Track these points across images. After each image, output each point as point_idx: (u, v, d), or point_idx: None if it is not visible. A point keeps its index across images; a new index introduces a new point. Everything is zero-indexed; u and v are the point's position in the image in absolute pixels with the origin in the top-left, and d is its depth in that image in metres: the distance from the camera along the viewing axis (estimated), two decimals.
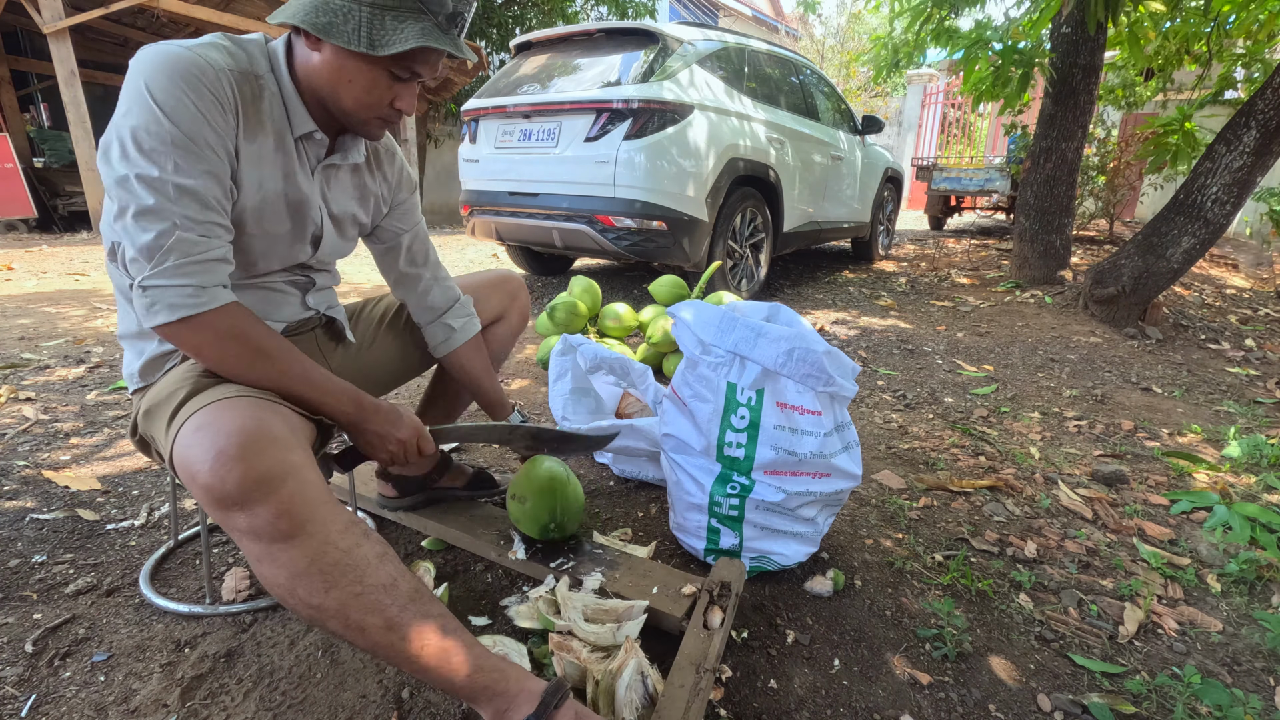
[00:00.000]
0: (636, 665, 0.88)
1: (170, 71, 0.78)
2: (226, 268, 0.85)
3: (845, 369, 1.16)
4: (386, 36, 0.82)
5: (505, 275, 1.42)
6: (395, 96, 0.91)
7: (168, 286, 0.79)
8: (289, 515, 0.72)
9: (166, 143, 0.78)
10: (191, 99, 0.79)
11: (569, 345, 1.72)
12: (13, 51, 7.75)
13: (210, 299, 0.81)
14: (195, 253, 0.80)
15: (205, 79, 0.80)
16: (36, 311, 3.13)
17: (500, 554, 1.21)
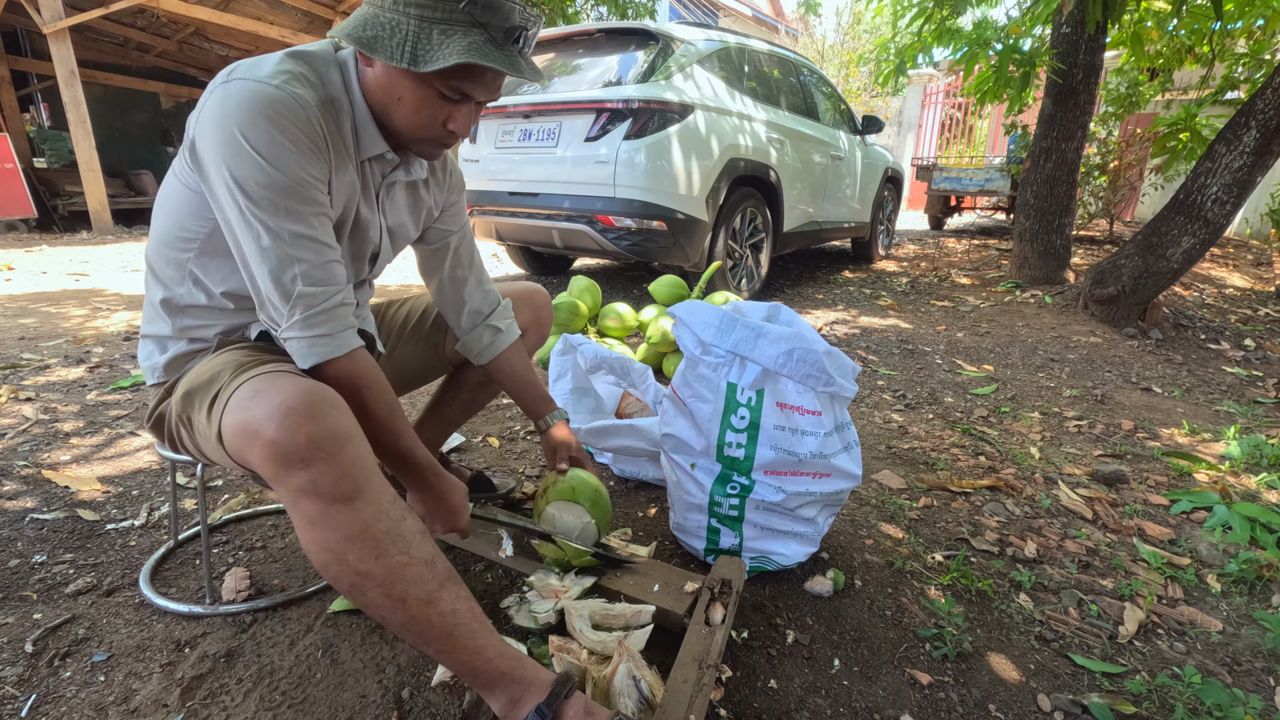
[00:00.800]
0: (628, 670, 0.88)
1: (264, 116, 0.77)
2: (349, 310, 0.87)
3: (845, 369, 1.16)
4: (432, 52, 0.78)
5: (532, 289, 1.39)
6: (448, 117, 0.87)
7: (303, 338, 0.84)
8: (351, 477, 0.72)
9: (276, 191, 0.78)
10: (290, 142, 0.78)
11: (569, 345, 1.72)
12: (13, 51, 7.76)
13: (341, 344, 0.86)
14: (318, 304, 0.83)
15: (299, 121, 0.79)
16: (36, 311, 3.13)
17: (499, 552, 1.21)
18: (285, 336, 0.84)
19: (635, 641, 0.96)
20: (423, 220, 1.12)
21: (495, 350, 1.24)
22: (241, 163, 0.77)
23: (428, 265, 1.20)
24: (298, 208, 0.80)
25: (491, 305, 1.24)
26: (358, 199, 0.94)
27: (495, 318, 1.23)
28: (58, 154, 7.55)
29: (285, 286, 0.81)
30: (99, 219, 6.25)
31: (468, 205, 3.73)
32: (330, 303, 0.84)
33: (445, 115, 0.87)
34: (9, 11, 6.20)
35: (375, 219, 1.00)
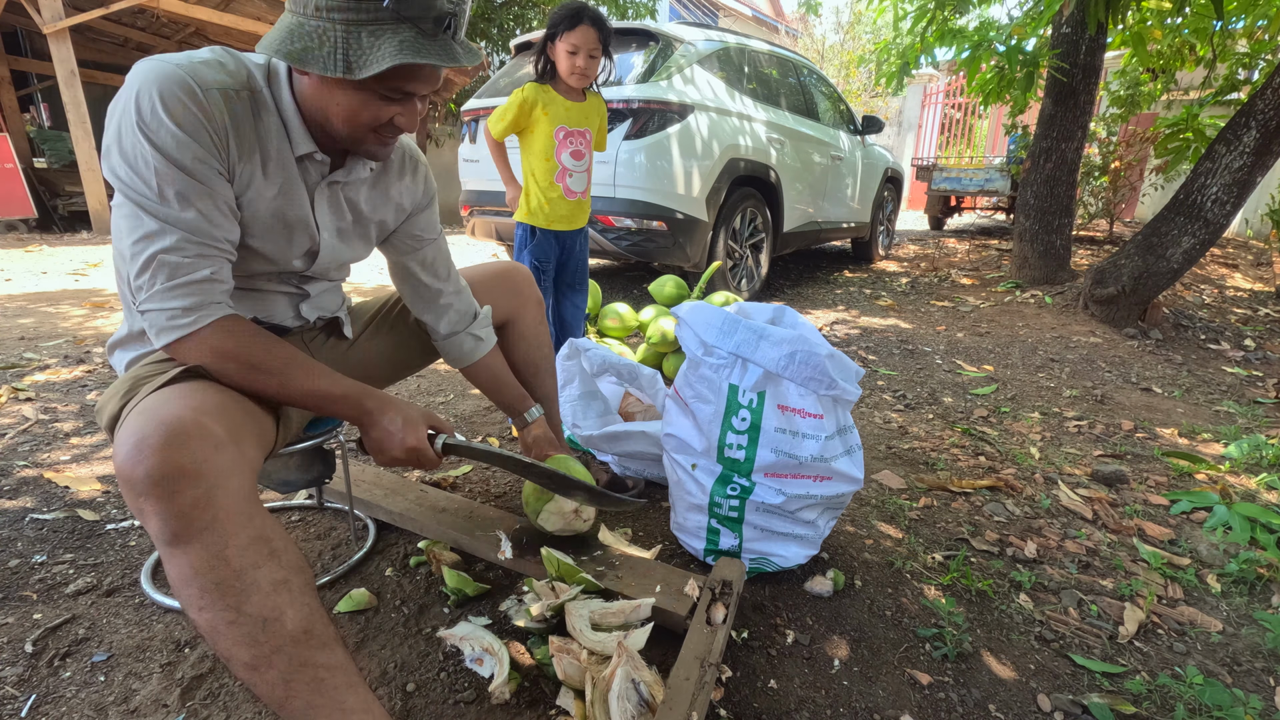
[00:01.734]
0: (626, 674, 0.87)
1: (158, 90, 0.76)
2: (218, 286, 0.83)
3: (848, 372, 1.15)
4: (364, 57, 0.76)
5: (507, 268, 1.36)
6: (393, 115, 0.86)
7: (158, 310, 0.80)
8: (186, 519, 0.68)
9: (152, 165, 0.77)
10: (176, 120, 0.77)
11: (575, 349, 1.71)
12: (13, 51, 7.76)
13: (200, 318, 0.81)
14: (181, 275, 0.80)
15: (192, 98, 0.78)
16: (36, 311, 3.13)
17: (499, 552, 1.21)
18: (144, 308, 0.80)
19: (635, 641, 0.96)
20: (389, 222, 1.09)
21: (474, 357, 1.24)
22: (125, 134, 0.77)
23: (399, 273, 1.17)
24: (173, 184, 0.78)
25: (469, 316, 1.22)
26: (282, 192, 0.91)
27: (474, 327, 1.23)
28: (58, 154, 7.55)
29: (150, 255, 0.78)
30: (99, 219, 6.25)
31: (465, 205, 3.75)
32: (195, 275, 0.80)
33: (389, 114, 0.85)
34: (9, 11, 6.20)
35: (309, 218, 0.96)
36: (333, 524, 1.42)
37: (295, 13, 0.78)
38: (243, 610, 0.69)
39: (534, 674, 1.00)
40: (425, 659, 1.03)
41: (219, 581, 0.69)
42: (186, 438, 0.70)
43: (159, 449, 0.68)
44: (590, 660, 0.93)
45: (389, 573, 1.25)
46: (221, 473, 0.71)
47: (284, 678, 0.70)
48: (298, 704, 0.71)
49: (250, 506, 0.73)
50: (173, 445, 0.68)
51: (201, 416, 0.73)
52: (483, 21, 9.01)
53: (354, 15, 0.75)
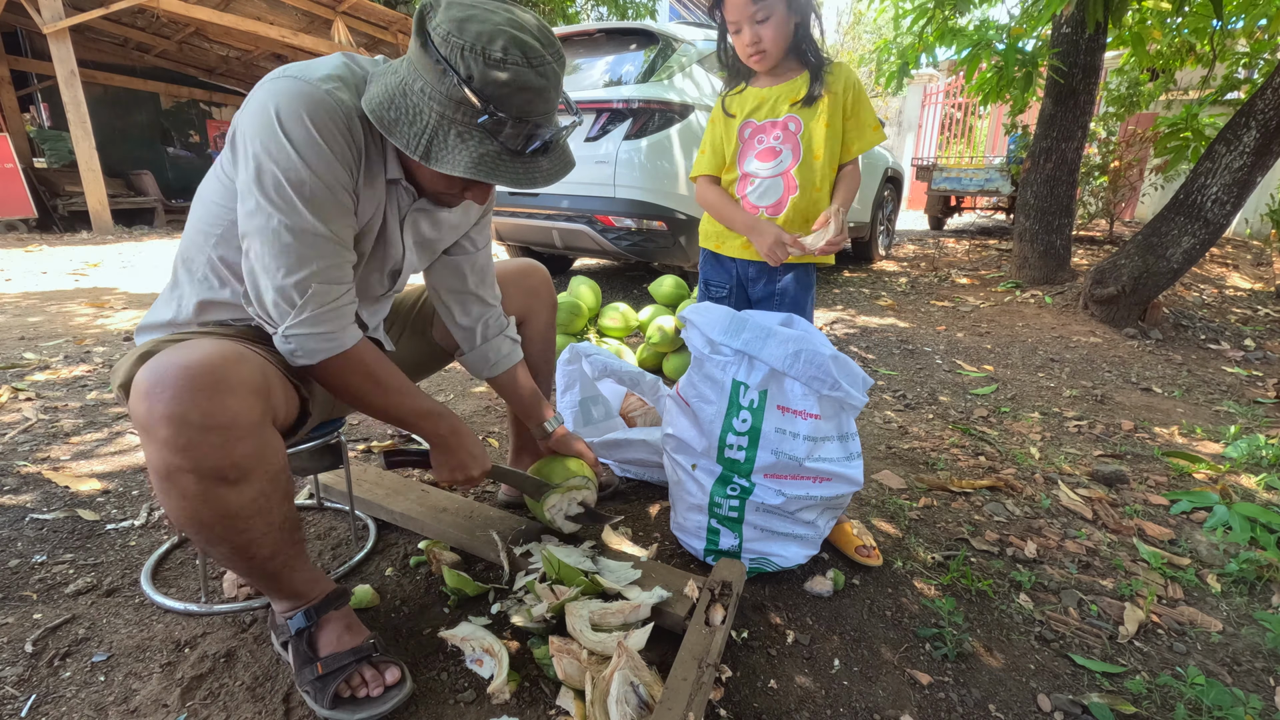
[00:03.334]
0: (624, 677, 0.87)
1: (306, 113, 0.78)
2: (354, 307, 0.90)
3: (855, 378, 1.15)
4: (444, 154, 0.78)
5: (526, 267, 1.37)
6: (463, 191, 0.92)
7: (308, 335, 0.85)
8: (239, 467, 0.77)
9: (304, 189, 0.79)
10: (327, 144, 0.79)
11: (576, 354, 1.71)
12: (13, 51, 7.76)
13: (343, 342, 0.88)
14: (328, 302, 0.85)
15: (338, 123, 0.80)
16: (36, 311, 3.13)
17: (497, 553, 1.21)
18: (291, 333, 0.84)
19: (635, 641, 0.95)
20: (446, 238, 1.12)
21: (500, 368, 1.25)
22: (275, 155, 0.78)
23: (441, 276, 1.18)
24: (323, 208, 0.81)
25: (499, 325, 1.24)
26: (383, 212, 0.95)
27: (504, 338, 1.24)
28: (58, 154, 7.54)
29: (300, 283, 0.82)
30: (99, 219, 6.25)
31: None
32: (339, 301, 0.86)
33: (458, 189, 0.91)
34: (9, 11, 6.19)
35: (397, 235, 1.00)
36: (333, 524, 1.42)
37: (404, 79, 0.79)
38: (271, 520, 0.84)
39: (534, 674, 1.00)
40: (425, 659, 1.03)
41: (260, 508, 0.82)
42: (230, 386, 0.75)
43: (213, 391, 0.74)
44: (590, 661, 0.93)
45: (389, 573, 1.25)
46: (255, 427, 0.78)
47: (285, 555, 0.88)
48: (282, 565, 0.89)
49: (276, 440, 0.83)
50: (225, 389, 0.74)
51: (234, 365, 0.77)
52: None
53: (450, 113, 0.77)
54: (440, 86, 0.76)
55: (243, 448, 0.76)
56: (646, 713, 0.86)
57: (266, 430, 0.80)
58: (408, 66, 0.79)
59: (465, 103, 0.75)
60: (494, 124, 0.76)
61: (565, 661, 0.92)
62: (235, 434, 0.75)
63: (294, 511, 0.89)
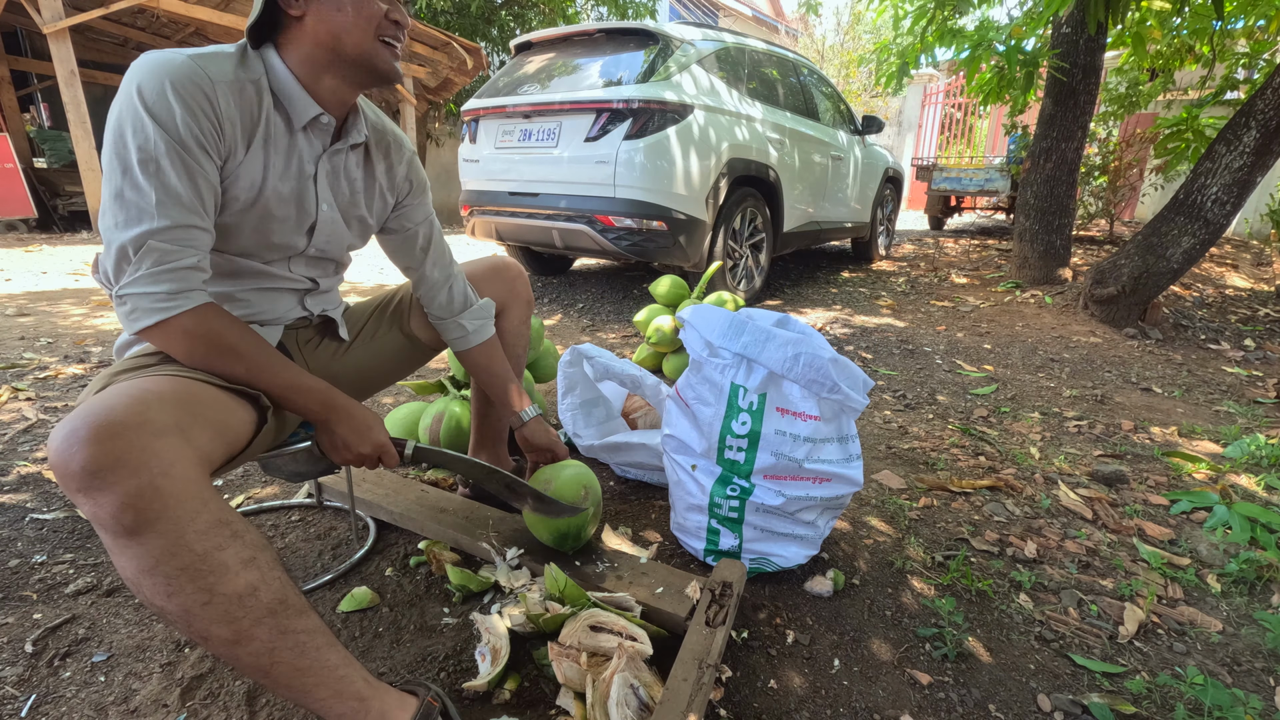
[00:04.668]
0: (624, 680, 0.87)
1: (163, 78, 0.79)
2: (199, 274, 0.84)
3: (855, 380, 1.15)
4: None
5: (500, 263, 1.37)
6: (388, 9, 0.91)
7: (142, 294, 0.80)
8: (135, 509, 0.66)
9: (150, 146, 0.78)
10: (180, 107, 0.79)
11: (578, 355, 1.70)
12: (13, 51, 7.75)
13: (182, 303, 0.81)
14: (168, 261, 0.80)
15: (202, 87, 0.81)
16: (36, 311, 3.13)
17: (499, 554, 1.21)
18: (125, 292, 0.80)
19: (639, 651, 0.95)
20: (379, 202, 1.11)
21: (464, 345, 1.25)
22: (126, 115, 0.78)
23: (397, 258, 1.20)
24: (171, 165, 0.80)
25: (465, 303, 1.24)
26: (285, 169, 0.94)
27: (465, 316, 1.24)
28: (58, 154, 7.54)
29: (136, 238, 0.79)
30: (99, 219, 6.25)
31: (465, 205, 3.75)
32: (181, 262, 0.81)
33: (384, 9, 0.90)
34: (9, 11, 6.19)
35: (309, 190, 0.98)
36: (333, 524, 1.42)
37: None
38: (216, 590, 0.70)
39: (534, 674, 1.00)
40: (426, 658, 1.03)
41: (185, 566, 0.68)
42: (121, 428, 0.68)
43: (88, 441, 0.66)
44: (590, 662, 0.93)
45: (389, 572, 1.25)
46: (165, 461, 0.69)
47: (268, 648, 0.72)
48: (283, 670, 0.73)
49: (203, 492, 0.71)
50: (106, 435, 0.66)
51: (141, 406, 0.71)
52: (482, 22, 9.01)
53: None
54: None
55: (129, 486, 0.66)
56: (647, 714, 0.86)
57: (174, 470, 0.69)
58: None
59: None
60: None
61: (565, 665, 0.92)
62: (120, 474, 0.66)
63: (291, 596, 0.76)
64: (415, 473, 1.66)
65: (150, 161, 0.79)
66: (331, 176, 1.02)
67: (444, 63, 7.70)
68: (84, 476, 0.65)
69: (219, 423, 0.81)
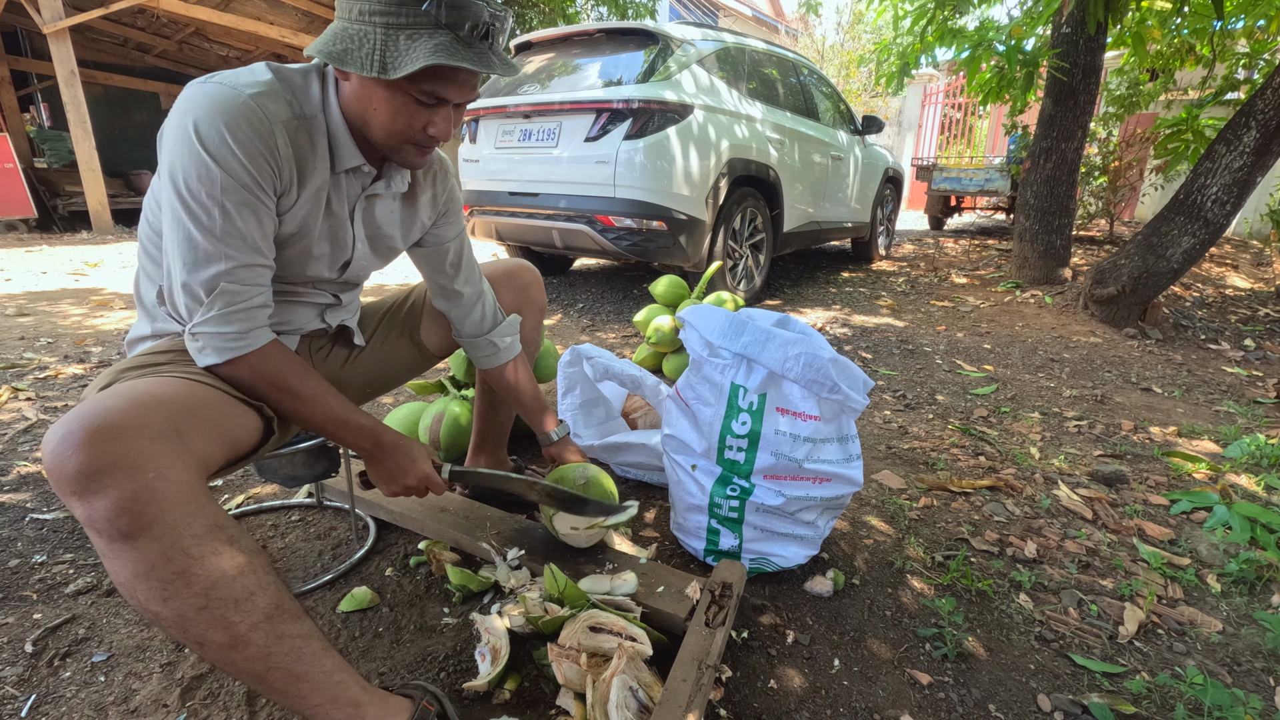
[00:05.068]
0: (623, 683, 0.88)
1: (223, 118, 0.78)
2: (265, 311, 0.87)
3: (855, 381, 1.15)
4: (399, 58, 0.79)
5: (516, 268, 1.36)
6: (426, 122, 0.88)
7: (215, 333, 0.83)
8: (130, 513, 0.65)
9: (215, 190, 0.79)
10: (242, 147, 0.79)
11: (577, 356, 1.70)
12: (13, 51, 7.75)
13: (251, 342, 0.85)
14: (239, 302, 0.83)
15: (257, 130, 0.80)
16: (36, 311, 3.13)
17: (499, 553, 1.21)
18: (197, 331, 0.83)
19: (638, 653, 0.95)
20: (415, 232, 1.12)
21: (494, 363, 1.26)
22: (187, 157, 0.78)
23: (425, 271, 1.20)
24: (235, 208, 0.80)
25: (491, 321, 1.24)
26: (327, 208, 0.95)
27: (495, 334, 1.24)
28: (58, 154, 7.54)
29: (208, 280, 0.81)
30: (99, 219, 6.25)
31: (465, 205, 3.75)
32: (250, 302, 0.84)
33: (423, 120, 0.87)
34: (9, 11, 6.19)
35: (347, 230, 0.99)
36: (333, 523, 1.42)
37: (342, 18, 0.82)
38: (212, 595, 0.69)
39: (534, 674, 1.00)
40: (426, 658, 1.03)
41: (180, 571, 0.68)
42: (117, 431, 0.67)
43: (85, 444, 0.65)
44: (590, 663, 0.93)
45: (389, 572, 1.25)
46: (160, 464, 0.69)
47: (264, 653, 0.72)
48: (278, 675, 0.73)
49: (198, 497, 0.71)
50: (101, 438, 0.66)
51: (138, 409, 0.71)
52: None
53: (394, 19, 0.79)
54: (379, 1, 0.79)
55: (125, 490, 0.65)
56: (646, 715, 0.86)
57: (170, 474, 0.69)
58: (341, 6, 0.82)
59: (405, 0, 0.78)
60: (437, 8, 0.79)
61: (565, 666, 0.92)
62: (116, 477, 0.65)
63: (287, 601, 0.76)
64: None
65: (216, 205, 0.79)
66: (367, 213, 1.03)
67: None
68: (78, 479, 0.65)
69: (221, 427, 0.82)
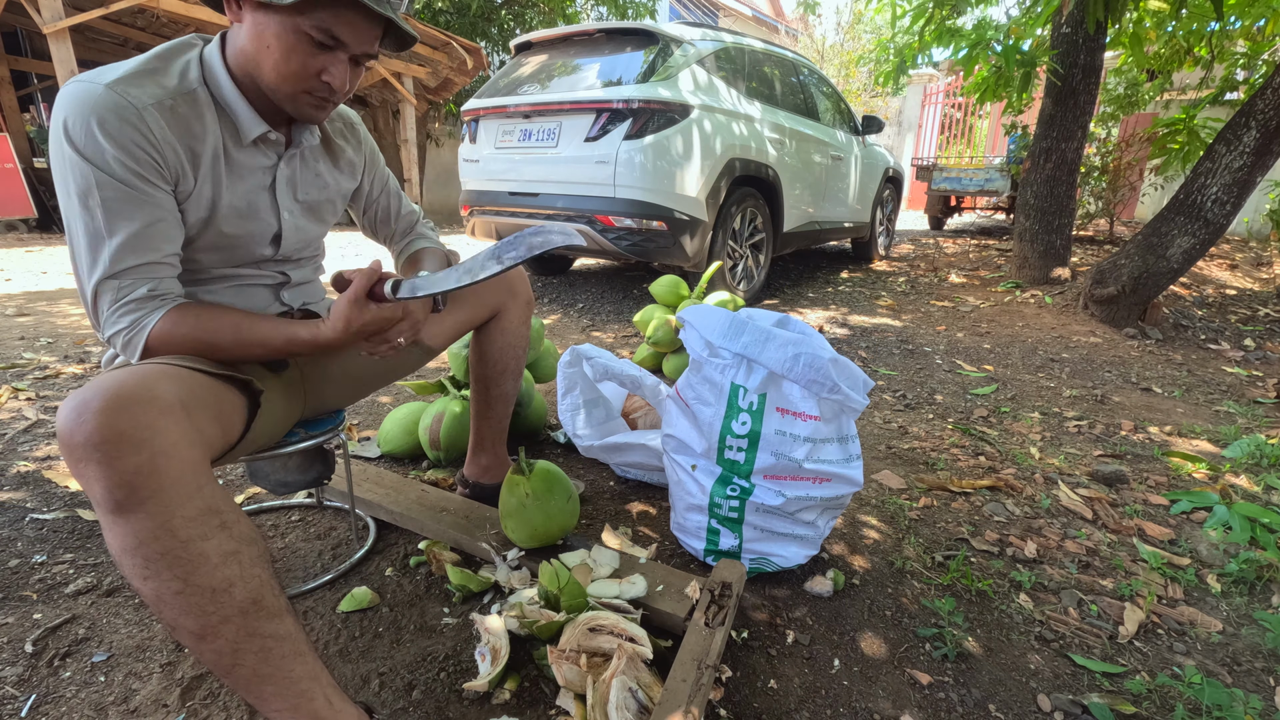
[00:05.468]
0: (623, 684, 0.88)
1: (87, 114, 0.76)
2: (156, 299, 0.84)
3: (855, 381, 1.15)
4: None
5: None
6: (321, 68, 0.84)
7: (115, 332, 0.82)
8: (129, 486, 0.66)
9: (91, 189, 0.77)
10: (109, 144, 0.77)
11: (577, 356, 1.70)
12: (13, 51, 7.75)
13: (146, 322, 0.83)
14: (122, 296, 0.82)
15: (127, 118, 0.78)
16: (36, 311, 3.13)
17: (497, 554, 1.21)
18: (106, 335, 0.83)
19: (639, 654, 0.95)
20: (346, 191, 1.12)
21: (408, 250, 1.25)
22: (65, 162, 0.77)
23: (371, 230, 1.25)
24: (116, 204, 0.79)
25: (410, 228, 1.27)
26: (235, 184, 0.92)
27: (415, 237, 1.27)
28: None
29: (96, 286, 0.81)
30: None
31: (465, 205, 3.75)
32: (136, 294, 0.82)
33: (318, 65, 0.83)
34: (9, 11, 6.19)
35: (266, 200, 0.97)
36: (333, 523, 1.42)
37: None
38: (190, 581, 0.69)
39: (534, 674, 1.00)
40: (426, 658, 1.03)
41: (165, 552, 0.68)
42: (130, 401, 0.67)
43: (100, 412, 0.66)
44: (590, 664, 0.93)
45: (389, 572, 1.25)
46: (168, 440, 0.69)
47: (231, 647, 0.71)
48: (243, 672, 0.72)
49: (199, 477, 0.71)
50: (114, 409, 0.66)
51: (150, 382, 0.71)
52: (483, 21, 9.01)
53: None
54: None
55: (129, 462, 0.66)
56: (646, 716, 0.86)
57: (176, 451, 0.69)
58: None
59: None
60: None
61: (565, 668, 0.92)
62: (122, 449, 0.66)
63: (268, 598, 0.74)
64: (415, 473, 1.66)
65: (97, 204, 0.78)
66: (291, 180, 1.00)
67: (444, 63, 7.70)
68: (87, 448, 0.65)
69: (216, 409, 0.82)
